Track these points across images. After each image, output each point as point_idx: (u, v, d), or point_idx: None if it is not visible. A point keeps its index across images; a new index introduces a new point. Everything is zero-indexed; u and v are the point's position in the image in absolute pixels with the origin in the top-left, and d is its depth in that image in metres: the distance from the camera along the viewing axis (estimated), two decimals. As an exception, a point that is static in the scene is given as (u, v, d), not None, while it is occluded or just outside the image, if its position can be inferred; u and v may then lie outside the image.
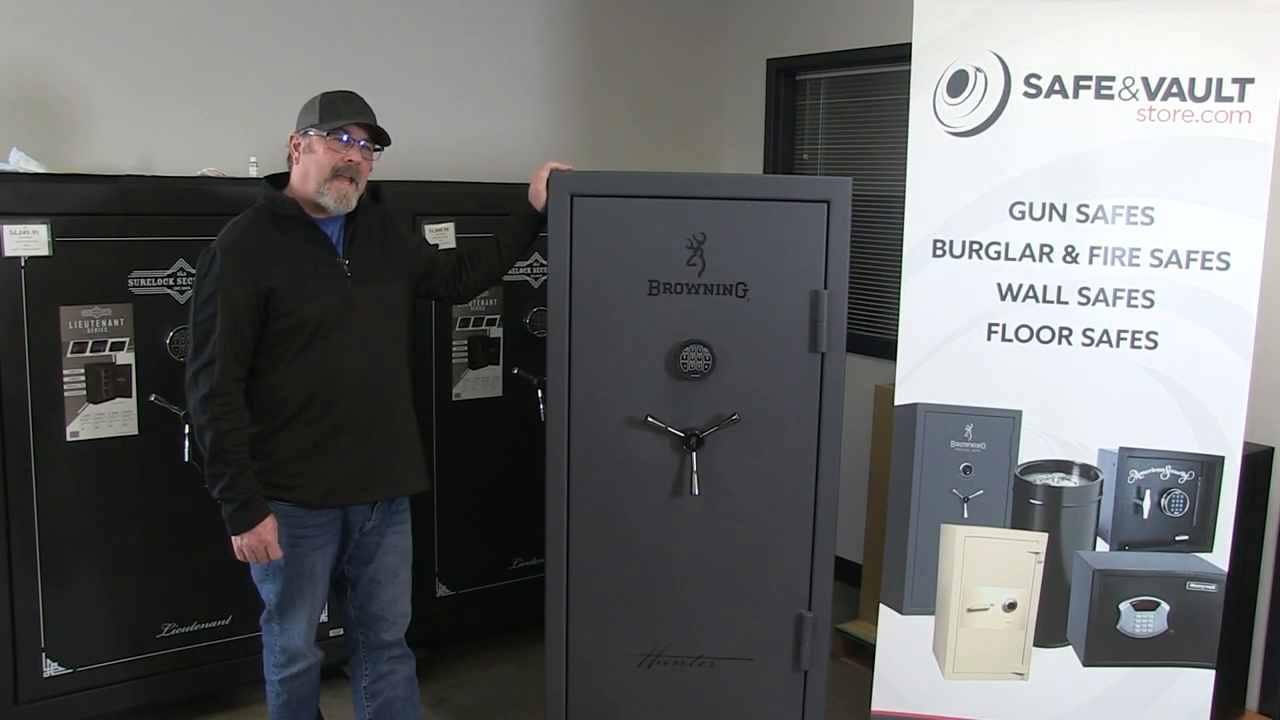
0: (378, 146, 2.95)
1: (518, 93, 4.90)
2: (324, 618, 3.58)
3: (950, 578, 3.16)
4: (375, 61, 4.47)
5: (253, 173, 3.84)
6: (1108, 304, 3.02)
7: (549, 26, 4.96)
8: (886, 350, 4.03)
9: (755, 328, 2.99)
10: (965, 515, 3.14)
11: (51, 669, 3.40)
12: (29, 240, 3.22)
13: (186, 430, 3.37)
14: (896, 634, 3.22)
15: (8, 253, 3.20)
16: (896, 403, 3.17)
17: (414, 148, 4.42)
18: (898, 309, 3.14)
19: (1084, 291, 3.03)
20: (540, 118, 4.97)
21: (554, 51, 4.99)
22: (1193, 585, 3.09)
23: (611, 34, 5.14)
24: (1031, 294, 3.06)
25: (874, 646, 3.30)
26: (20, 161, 3.44)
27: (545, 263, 3.50)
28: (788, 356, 3.00)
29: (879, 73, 4.83)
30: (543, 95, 4.97)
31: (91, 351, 3.35)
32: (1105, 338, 3.03)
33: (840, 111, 5.10)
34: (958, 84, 3.05)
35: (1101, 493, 3.08)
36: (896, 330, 3.15)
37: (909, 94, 3.09)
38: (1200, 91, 2.93)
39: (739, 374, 3.00)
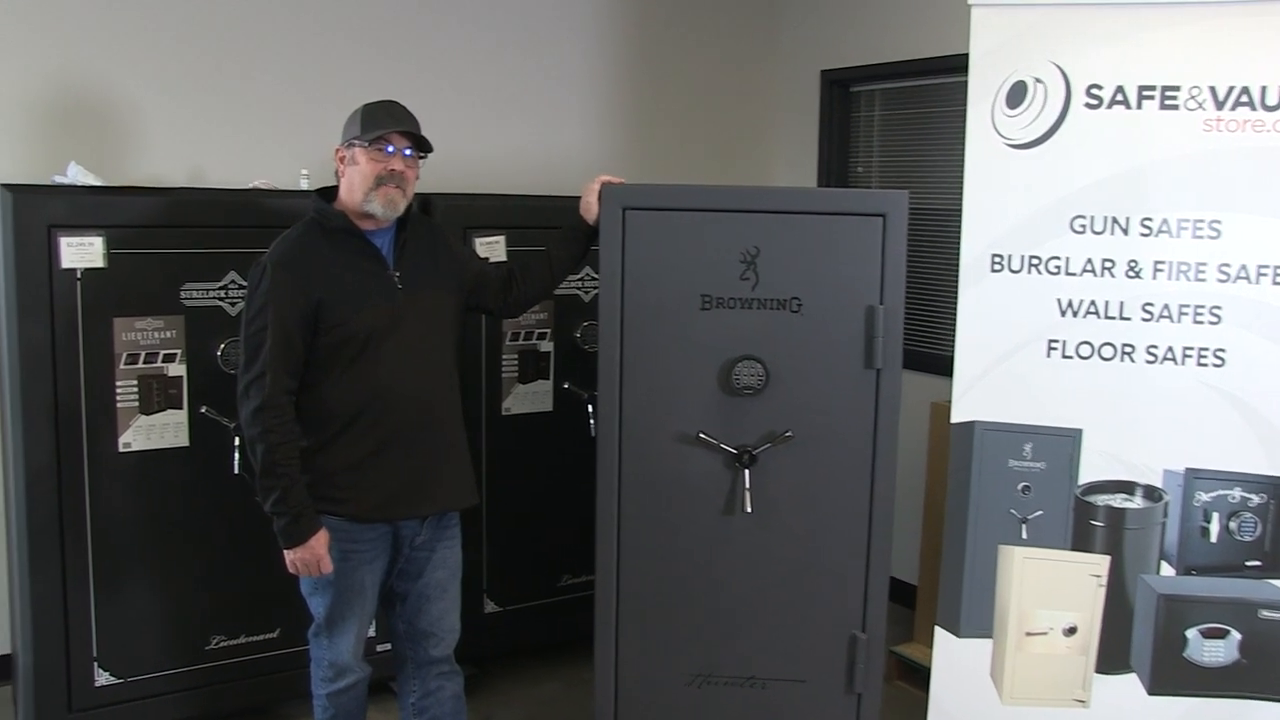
0: (421, 154, 2.97)
1: (569, 105, 4.92)
2: (372, 632, 3.60)
3: (1008, 600, 3.11)
4: (426, 74, 4.50)
5: (303, 185, 3.88)
6: (1172, 320, 2.97)
7: (600, 38, 4.98)
8: (943, 367, 3.99)
9: (809, 343, 2.97)
10: (1024, 536, 3.09)
11: (103, 678, 3.44)
12: (85, 252, 3.27)
13: (237, 442, 3.41)
14: (952, 657, 3.18)
15: (64, 265, 3.26)
16: (953, 420, 3.13)
17: (464, 160, 4.45)
18: (954, 324, 3.11)
19: (1147, 307, 2.98)
20: (591, 130, 4.98)
21: (605, 63, 5.00)
22: (1266, 613, 3.02)
23: (663, 46, 5.15)
24: (1093, 310, 3.01)
25: (929, 670, 3.26)
26: (77, 175, 3.50)
27: (596, 277, 3.50)
28: (842, 373, 2.98)
29: (935, 84, 4.79)
30: (594, 107, 4.99)
31: (144, 363, 3.40)
32: (1170, 355, 2.97)
33: (895, 124, 5.07)
34: (1017, 95, 3.01)
35: (1166, 515, 3.02)
36: (953, 346, 3.11)
37: (966, 106, 3.06)
38: (1272, 100, 2.87)
39: (792, 390, 2.98)
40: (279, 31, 4.22)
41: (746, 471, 2.97)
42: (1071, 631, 3.11)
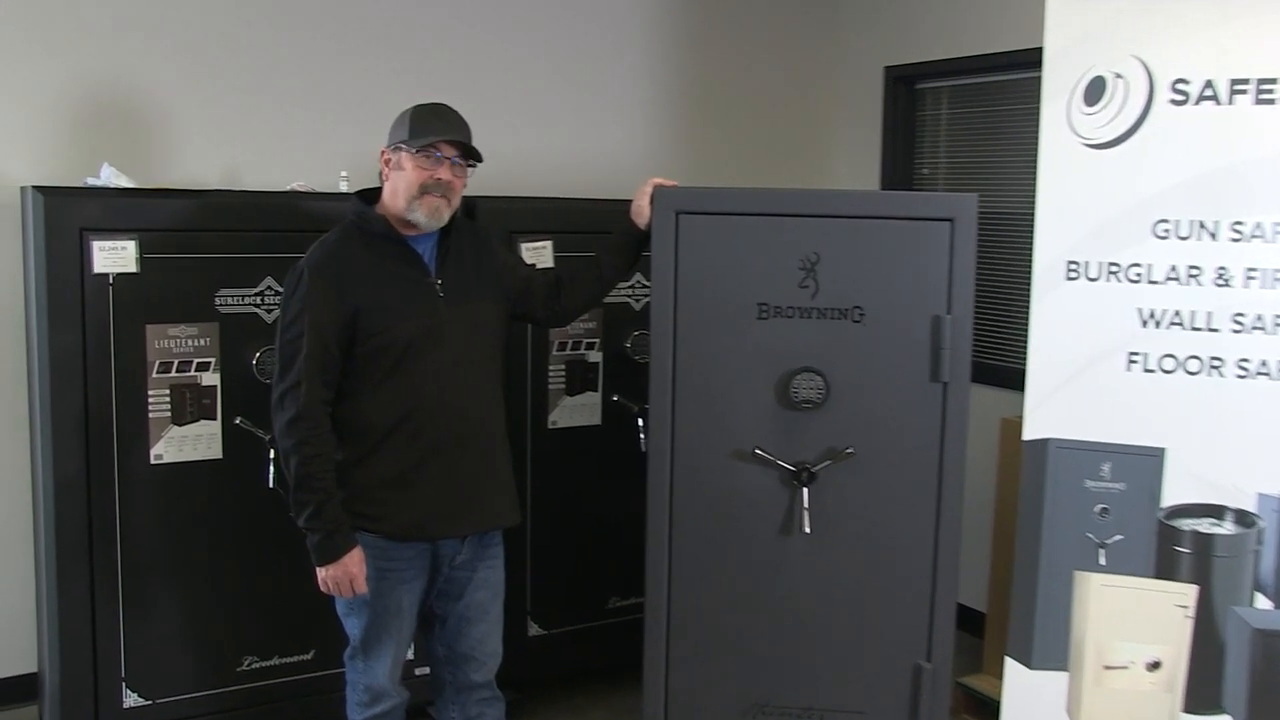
0: (470, 163, 2.97)
1: (620, 104, 4.92)
2: (410, 655, 3.60)
3: (1084, 631, 3.06)
4: (471, 72, 4.52)
5: (343, 188, 3.91)
6: (1266, 331, 2.90)
7: (652, 35, 4.98)
8: (1014, 380, 3.94)
9: (872, 355, 2.96)
10: (1101, 562, 3.04)
11: (131, 699, 3.47)
12: (118, 257, 3.31)
13: (271, 455, 3.43)
14: (1024, 691, 3.14)
15: (96, 269, 3.29)
16: (1025, 437, 3.10)
17: (510, 161, 4.46)
18: (1026, 336, 3.08)
19: (1238, 318, 2.92)
20: (643, 130, 4.98)
21: (658, 61, 5.00)
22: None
23: (717, 41, 5.14)
24: (1177, 320, 2.96)
25: (998, 704, 3.22)
26: (110, 177, 3.55)
27: (648, 284, 3.49)
28: (907, 386, 2.96)
29: (1006, 80, 4.75)
30: (646, 107, 4.99)
31: (177, 372, 3.43)
32: (1264, 369, 2.91)
33: (964, 122, 5.02)
34: (1095, 91, 2.97)
35: (1261, 542, 2.95)
36: (1024, 359, 3.09)
37: (1040, 103, 3.03)
38: (1377, 95, 2.82)
39: (854, 404, 2.96)
40: (318, 29, 4.25)
41: (805, 490, 2.96)
42: (1155, 666, 3.05)
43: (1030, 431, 3.08)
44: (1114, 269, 2.99)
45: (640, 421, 4.01)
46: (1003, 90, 4.81)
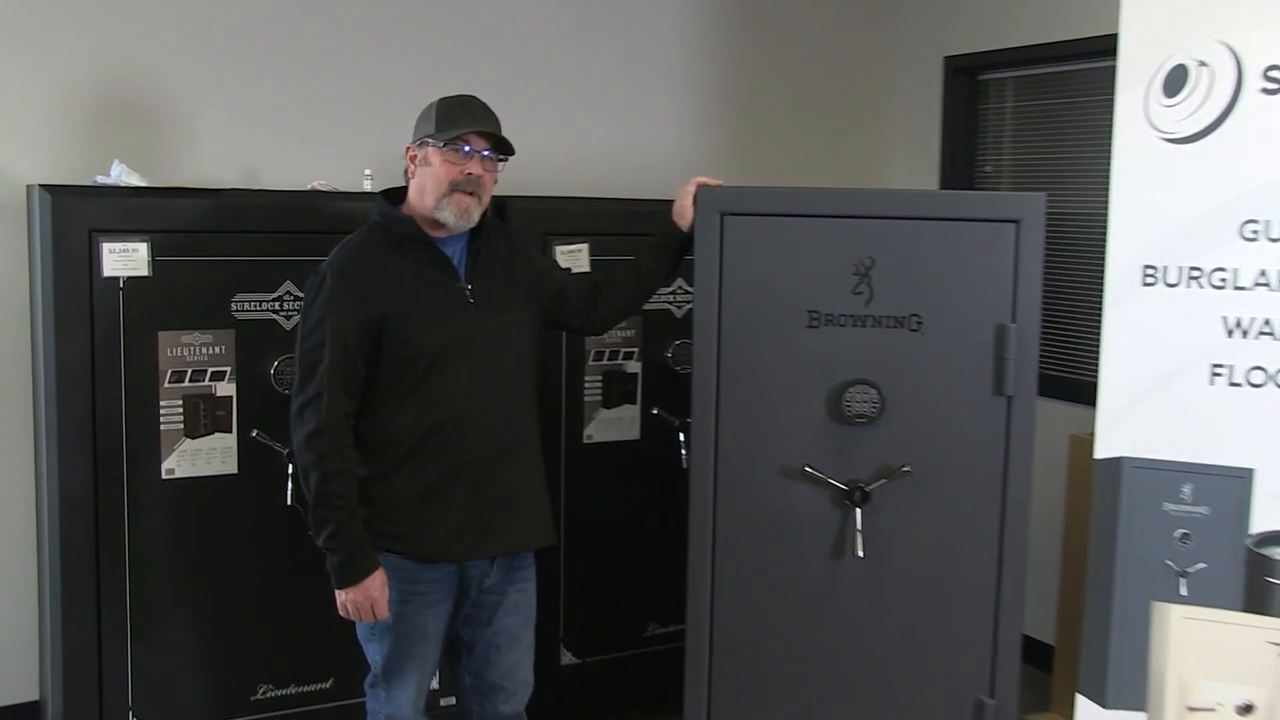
0: (501, 157, 2.99)
1: (660, 98, 4.93)
2: (435, 684, 3.62)
3: (1165, 668, 3.03)
4: (502, 65, 4.55)
5: (367, 187, 3.93)
6: (1364, 342, 2.88)
7: (695, 24, 4.99)
8: (1084, 394, 3.92)
9: (930, 366, 2.95)
10: (1183, 592, 3.01)
11: (139, 731, 3.51)
12: (128, 259, 3.35)
13: (290, 470, 3.46)
14: (1097, 730, 3.11)
15: (106, 272, 3.33)
16: (1096, 456, 3.08)
17: (544, 160, 4.48)
18: (1098, 346, 3.06)
19: (1333, 328, 2.90)
20: (685, 126, 4.99)
21: (700, 52, 5.01)
22: None
23: (765, 32, 5.14)
24: (1267, 330, 2.93)
25: (1069, 743, 3.20)
26: (121, 175, 3.59)
27: (690, 290, 3.50)
28: (968, 400, 2.95)
29: (1077, 70, 4.73)
30: (688, 101, 5.00)
31: (190, 381, 3.46)
32: (1359, 383, 2.89)
33: (1030, 116, 5.00)
34: (1176, 81, 2.95)
35: (1362, 573, 2.92)
36: (1096, 371, 3.07)
37: (1114, 95, 3.01)
38: None
39: (911, 419, 2.96)
40: (340, 19, 4.29)
41: (858, 511, 2.95)
42: (1247, 710, 3.01)
43: (1103, 450, 3.06)
44: (1196, 274, 2.97)
45: (682, 436, 4.01)
46: (1073, 81, 4.79)
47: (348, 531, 2.82)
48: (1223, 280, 2.95)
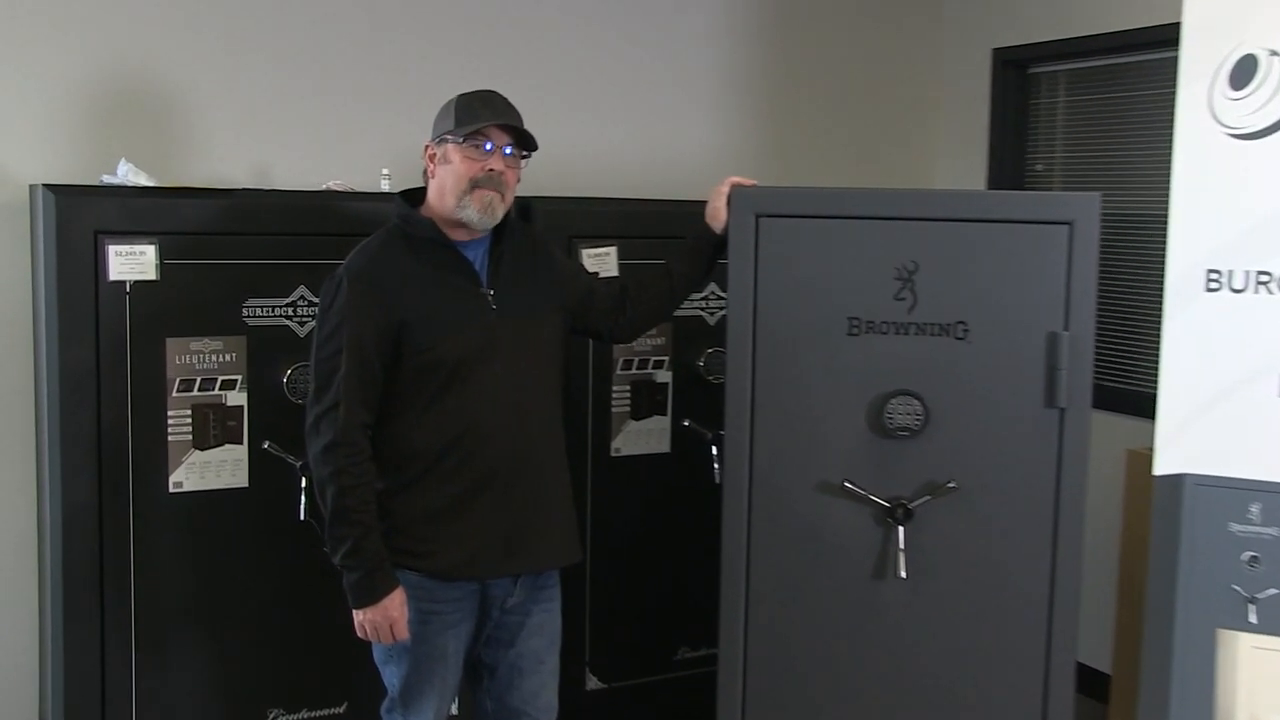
0: (524, 153, 3.01)
1: (692, 93, 4.93)
2: (454, 710, 3.63)
3: (1233, 701, 3.01)
4: (526, 58, 4.56)
5: (385, 187, 3.95)
6: None
7: (728, 14, 4.99)
8: (1142, 407, 3.91)
9: (977, 376, 2.95)
10: (1252, 620, 2.99)
11: (145, 756, 3.53)
12: (136, 263, 3.36)
13: (304, 484, 3.47)
14: (1157, 764, 3.09)
15: (112, 276, 3.35)
16: (1156, 472, 3.06)
17: (570, 158, 4.49)
18: (1157, 356, 3.04)
19: None
20: (719, 123, 4.99)
21: (735, 44, 5.02)
22: None
23: (803, 24, 5.14)
24: (1340, 339, 2.92)
25: (1125, 777, 3.18)
26: (128, 174, 3.61)
27: (723, 295, 3.50)
28: (1017, 412, 2.95)
29: (1135, 61, 4.71)
30: (722, 96, 5.00)
31: (199, 390, 3.48)
32: None
33: (1084, 111, 4.99)
34: (1244, 72, 2.94)
35: None
36: (1155, 382, 3.05)
37: (1176, 88, 3.00)
38: None
39: (957, 432, 2.95)
40: (356, 9, 4.30)
41: (901, 529, 2.95)
42: (1319, 747, 2.99)
43: (1163, 466, 3.05)
44: (1264, 279, 2.95)
45: (714, 450, 4.01)
46: (1131, 74, 4.77)
47: (366, 548, 2.84)
48: (1292, 285, 2.94)
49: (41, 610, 3.78)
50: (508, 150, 2.95)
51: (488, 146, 2.92)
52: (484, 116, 2.93)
